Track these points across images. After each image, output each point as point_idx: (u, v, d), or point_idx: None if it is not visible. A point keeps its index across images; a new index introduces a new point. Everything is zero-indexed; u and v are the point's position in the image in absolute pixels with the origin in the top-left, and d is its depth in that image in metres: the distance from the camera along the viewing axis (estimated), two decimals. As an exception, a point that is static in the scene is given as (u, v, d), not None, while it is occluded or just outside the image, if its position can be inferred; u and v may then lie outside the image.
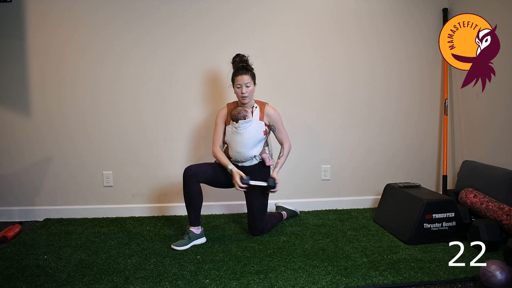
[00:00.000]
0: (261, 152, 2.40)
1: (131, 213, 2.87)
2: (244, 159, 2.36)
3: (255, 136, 2.33)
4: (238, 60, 2.35)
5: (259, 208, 2.40)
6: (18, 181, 2.82)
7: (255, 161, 2.39)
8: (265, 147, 2.43)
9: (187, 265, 2.01)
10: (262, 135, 2.35)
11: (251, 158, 2.37)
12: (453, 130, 3.04)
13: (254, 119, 2.35)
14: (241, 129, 2.32)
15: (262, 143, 2.39)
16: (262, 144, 2.40)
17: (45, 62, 2.74)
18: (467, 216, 2.42)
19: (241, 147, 2.33)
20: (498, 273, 1.67)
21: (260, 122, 2.36)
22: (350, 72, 2.95)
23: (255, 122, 2.34)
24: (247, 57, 2.37)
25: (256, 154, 2.37)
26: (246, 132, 2.32)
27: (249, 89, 2.31)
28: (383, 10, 2.94)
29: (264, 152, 2.41)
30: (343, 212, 2.91)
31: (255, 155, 2.36)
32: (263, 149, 2.41)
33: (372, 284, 1.80)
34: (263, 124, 2.37)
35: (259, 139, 2.35)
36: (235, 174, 2.27)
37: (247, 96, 2.32)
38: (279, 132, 2.45)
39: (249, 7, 2.83)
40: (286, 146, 2.46)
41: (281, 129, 2.45)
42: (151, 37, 2.78)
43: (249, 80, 2.31)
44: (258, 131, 2.34)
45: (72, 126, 2.80)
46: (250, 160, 2.38)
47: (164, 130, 2.86)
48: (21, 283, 1.82)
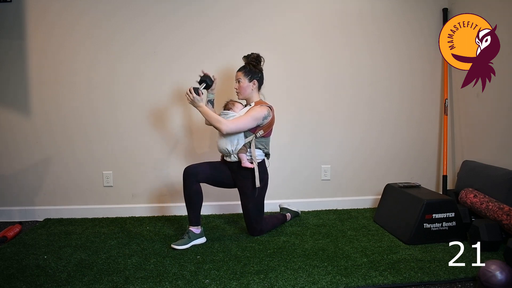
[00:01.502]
0: (240, 151, 2.35)
1: (131, 213, 2.87)
2: (220, 150, 2.39)
3: None
4: (245, 57, 2.44)
5: (252, 211, 2.39)
6: (18, 181, 2.82)
7: (234, 158, 2.37)
8: (248, 148, 2.36)
9: (187, 265, 2.01)
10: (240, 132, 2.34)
11: (227, 153, 2.35)
12: (453, 130, 3.04)
13: (238, 114, 2.37)
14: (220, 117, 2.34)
15: (239, 141, 2.33)
16: (240, 142, 2.33)
17: (45, 62, 2.74)
18: (467, 216, 2.42)
19: (218, 137, 2.39)
20: (498, 273, 1.67)
21: None
22: (351, 72, 2.95)
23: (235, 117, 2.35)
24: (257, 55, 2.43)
25: (231, 149, 2.34)
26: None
27: (239, 85, 2.39)
28: (382, 10, 2.93)
29: (243, 151, 2.35)
30: (343, 212, 2.91)
31: (229, 149, 2.34)
32: (243, 148, 2.34)
33: (372, 284, 1.80)
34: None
35: (236, 135, 2.33)
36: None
37: (238, 92, 2.41)
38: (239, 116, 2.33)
39: (251, 8, 2.83)
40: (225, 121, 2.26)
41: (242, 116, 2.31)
42: (151, 35, 2.78)
43: (240, 76, 2.38)
44: None
45: (72, 126, 2.80)
46: (228, 155, 2.37)
47: (164, 129, 2.86)
48: (21, 283, 1.82)
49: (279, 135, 2.77)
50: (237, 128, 2.28)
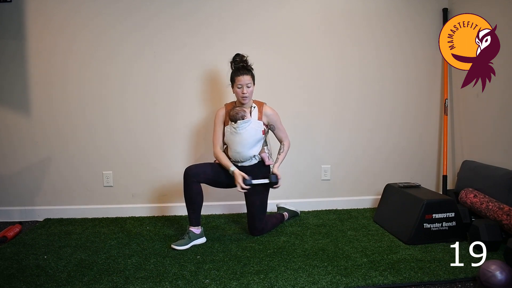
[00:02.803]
0: (260, 152, 2.40)
1: (131, 213, 2.87)
2: (244, 159, 2.36)
3: (254, 136, 2.33)
4: (239, 60, 2.35)
5: (259, 208, 2.40)
6: (18, 181, 2.82)
7: (255, 160, 2.39)
8: (264, 146, 2.43)
9: (187, 265, 2.01)
10: (261, 134, 2.36)
11: (250, 158, 2.37)
12: (453, 130, 3.04)
13: (253, 119, 2.35)
14: (239, 129, 2.32)
15: (261, 143, 2.40)
16: (261, 143, 2.41)
17: (44, 62, 2.74)
18: (467, 216, 2.42)
19: (240, 147, 2.33)
20: (498, 273, 1.67)
21: (259, 122, 2.37)
22: (351, 72, 2.95)
23: (254, 122, 2.35)
24: (247, 57, 2.37)
25: (256, 153, 2.37)
26: (245, 132, 2.32)
27: (249, 90, 2.32)
28: (382, 10, 2.93)
29: (263, 151, 2.42)
30: (343, 212, 2.91)
31: (255, 154, 2.37)
32: (262, 148, 2.42)
33: (372, 284, 1.80)
34: (262, 123, 2.38)
35: (258, 138, 2.35)
36: (237, 176, 2.27)
37: (248, 96, 2.33)
38: (279, 130, 2.47)
39: (255, 9, 2.83)
40: (286, 143, 2.49)
41: (280, 127, 2.46)
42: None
43: (250, 81, 2.32)
44: (257, 131, 2.34)
45: (72, 126, 2.80)
46: (250, 159, 2.38)
47: (164, 129, 2.86)
48: (21, 283, 1.82)
49: (279, 135, 2.77)
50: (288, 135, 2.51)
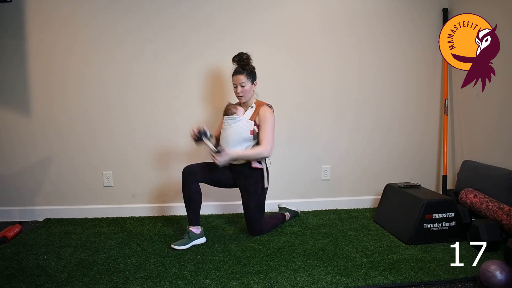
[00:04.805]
0: None
1: (131, 213, 2.87)
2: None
3: (238, 133, 2.31)
4: (237, 60, 2.36)
5: (254, 210, 2.38)
6: (18, 181, 2.82)
7: (242, 160, 2.36)
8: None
9: (187, 265, 2.01)
10: (248, 134, 2.32)
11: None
12: (453, 130, 3.04)
13: (244, 117, 2.35)
14: (225, 124, 2.35)
15: (248, 143, 2.34)
16: (248, 144, 2.35)
17: (44, 62, 2.74)
18: (467, 216, 2.42)
19: (224, 142, 2.34)
20: (498, 273, 1.67)
21: (250, 121, 2.35)
22: (351, 73, 2.95)
23: (243, 121, 2.33)
24: (247, 55, 2.36)
25: None
26: (230, 128, 2.32)
27: (244, 89, 2.33)
28: (381, 10, 2.93)
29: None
30: (343, 212, 2.91)
31: None
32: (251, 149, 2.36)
33: (372, 284, 1.80)
34: (252, 124, 2.34)
35: (243, 137, 2.32)
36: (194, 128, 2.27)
37: (242, 95, 2.35)
38: (262, 130, 2.32)
39: (255, 9, 2.83)
40: (261, 148, 2.30)
41: (265, 128, 2.31)
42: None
43: (244, 80, 2.32)
44: (243, 129, 2.31)
45: (72, 126, 2.80)
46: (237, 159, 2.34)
47: (164, 129, 2.86)
48: (21, 283, 1.82)
49: (279, 135, 2.77)
50: (272, 143, 2.33)
